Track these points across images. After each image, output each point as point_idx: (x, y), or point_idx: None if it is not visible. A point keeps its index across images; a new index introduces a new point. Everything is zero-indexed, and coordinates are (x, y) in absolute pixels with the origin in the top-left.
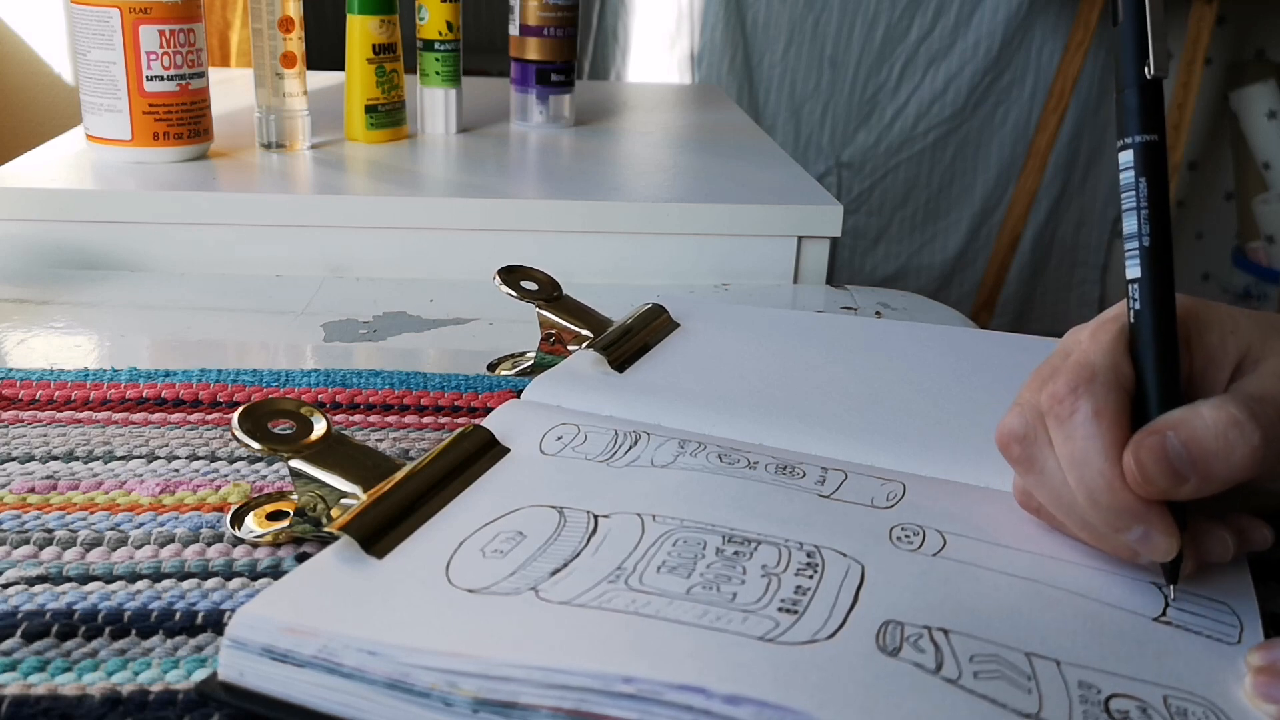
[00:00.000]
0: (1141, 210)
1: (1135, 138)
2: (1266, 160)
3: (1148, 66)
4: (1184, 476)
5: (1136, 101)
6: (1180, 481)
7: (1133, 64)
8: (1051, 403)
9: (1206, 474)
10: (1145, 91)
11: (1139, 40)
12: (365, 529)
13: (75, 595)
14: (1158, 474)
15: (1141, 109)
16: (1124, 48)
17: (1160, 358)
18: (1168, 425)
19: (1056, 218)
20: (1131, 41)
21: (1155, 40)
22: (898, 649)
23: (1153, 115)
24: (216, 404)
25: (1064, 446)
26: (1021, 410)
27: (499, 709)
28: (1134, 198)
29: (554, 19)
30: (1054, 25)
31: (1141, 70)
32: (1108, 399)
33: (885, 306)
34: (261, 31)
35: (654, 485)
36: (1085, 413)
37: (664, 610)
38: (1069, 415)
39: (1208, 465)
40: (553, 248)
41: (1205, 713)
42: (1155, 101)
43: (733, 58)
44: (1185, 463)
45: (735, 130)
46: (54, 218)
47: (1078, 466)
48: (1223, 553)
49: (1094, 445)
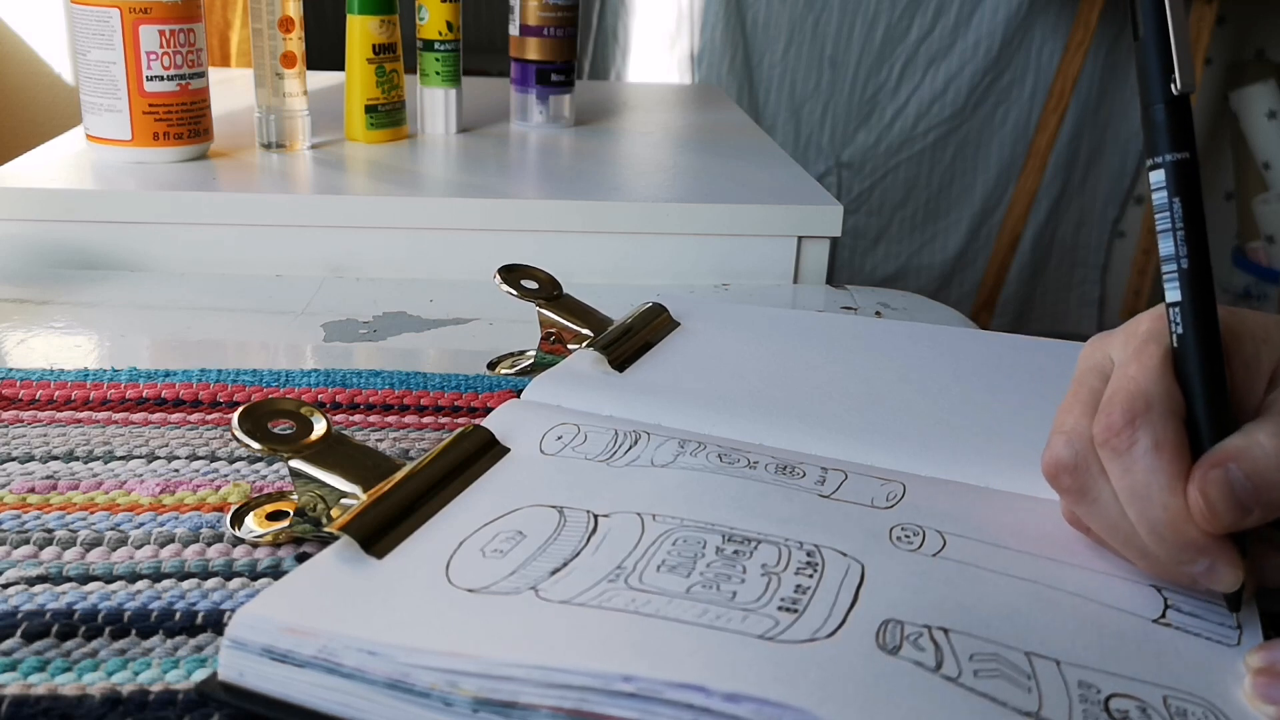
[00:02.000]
0: (1178, 232)
1: (1166, 156)
2: (1266, 160)
3: (1174, 82)
4: (1249, 509)
5: (1164, 118)
6: (1246, 514)
7: (1158, 79)
8: (1107, 434)
9: (1270, 504)
10: (1173, 107)
11: (1163, 53)
12: (365, 529)
13: (75, 595)
14: (1224, 509)
15: (1170, 126)
16: (1148, 62)
17: (1209, 382)
18: (1228, 457)
19: (1056, 218)
20: (1155, 55)
21: (1180, 52)
22: (898, 647)
23: (1183, 132)
24: (216, 404)
25: (1123, 479)
26: (1070, 440)
27: (499, 709)
28: (1168, 219)
29: (554, 19)
30: (1054, 25)
31: (1168, 85)
32: (1167, 430)
33: (885, 306)
34: (261, 31)
35: (654, 485)
36: (1145, 445)
37: (664, 609)
38: (1128, 448)
39: (1271, 495)
40: (553, 248)
41: (1205, 713)
42: (1184, 117)
43: (733, 58)
44: (1249, 494)
45: (735, 130)
46: (54, 218)
47: (1139, 500)
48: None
49: (1156, 480)
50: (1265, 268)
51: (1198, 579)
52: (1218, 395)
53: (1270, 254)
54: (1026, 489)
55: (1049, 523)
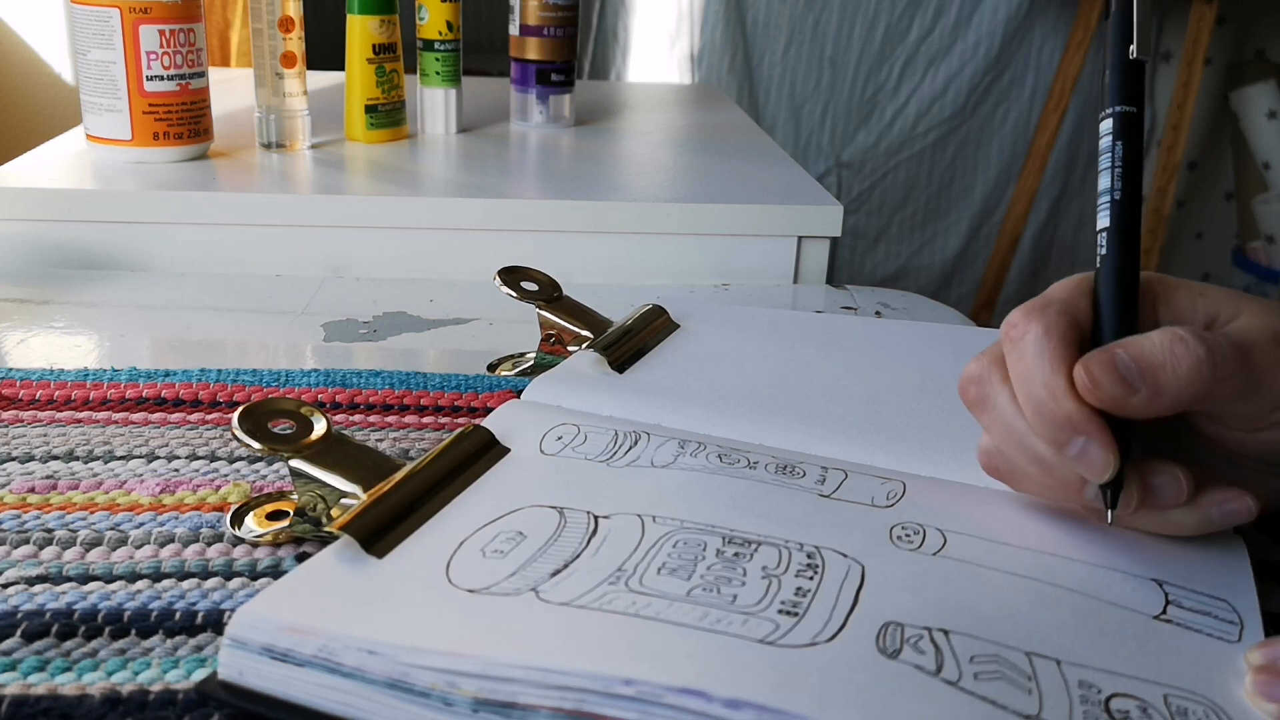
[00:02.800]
0: (1116, 169)
1: (1116, 108)
2: (1266, 160)
3: (1132, 48)
4: (1133, 387)
5: (1120, 78)
6: (1130, 391)
7: (1118, 47)
8: (1006, 329)
9: (1156, 385)
10: (1129, 71)
11: (1125, 26)
12: (365, 529)
13: (75, 595)
14: (1107, 382)
15: (1123, 84)
16: (1111, 34)
17: (1120, 296)
18: (1116, 344)
19: (1056, 218)
20: (1118, 27)
21: (1140, 28)
22: (898, 651)
23: (1133, 90)
24: (216, 404)
25: (1016, 366)
26: (980, 356)
27: (499, 709)
28: (1110, 159)
29: (554, 19)
30: (1054, 25)
31: (1125, 52)
32: (1059, 322)
33: (885, 306)
34: (261, 31)
35: (654, 485)
36: (1036, 333)
37: (664, 612)
38: (1021, 337)
39: (1155, 376)
40: (552, 248)
41: (1206, 711)
42: (1136, 79)
43: (733, 58)
44: (1133, 373)
45: (735, 130)
46: (54, 218)
47: (1025, 383)
48: (1176, 494)
49: (1040, 361)
50: (1265, 268)
51: (1074, 464)
52: (1128, 309)
53: (1270, 254)
54: None
55: (1049, 519)
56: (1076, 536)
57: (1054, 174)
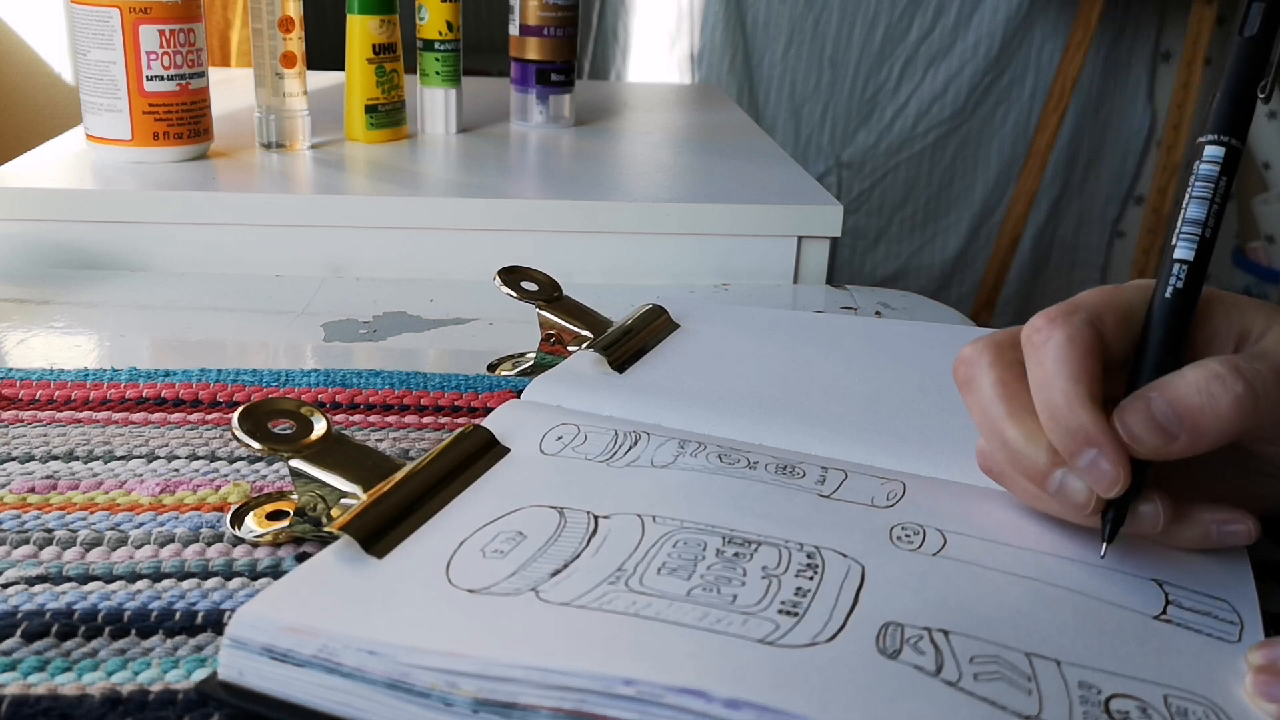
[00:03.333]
0: (1214, 205)
1: (1230, 140)
2: (1266, 160)
3: (1265, 84)
4: (1173, 434)
5: (1235, 110)
6: (1170, 439)
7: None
8: (1029, 333)
9: (1195, 430)
10: (1246, 103)
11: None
12: (365, 529)
13: (75, 595)
14: (1145, 433)
15: (1238, 116)
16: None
17: (1178, 336)
18: (1151, 389)
19: (1056, 218)
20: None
21: (1274, 67)
22: (898, 651)
23: (1245, 125)
24: (216, 404)
25: (1035, 371)
26: (977, 339)
27: (499, 709)
28: (1210, 190)
29: (554, 19)
30: (1054, 25)
31: (1254, 87)
32: (1083, 330)
33: (885, 306)
34: (261, 31)
35: (654, 486)
36: (1059, 339)
37: (664, 612)
38: (1044, 342)
39: (1194, 421)
40: (552, 248)
41: (1206, 712)
42: (1249, 115)
43: (733, 58)
44: (1171, 420)
45: (735, 130)
46: (54, 218)
47: (1044, 389)
48: (1152, 524)
49: (1060, 367)
50: (1265, 268)
51: (1083, 475)
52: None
53: (1270, 254)
54: None
55: (1049, 520)
56: (1076, 537)
57: (1054, 174)
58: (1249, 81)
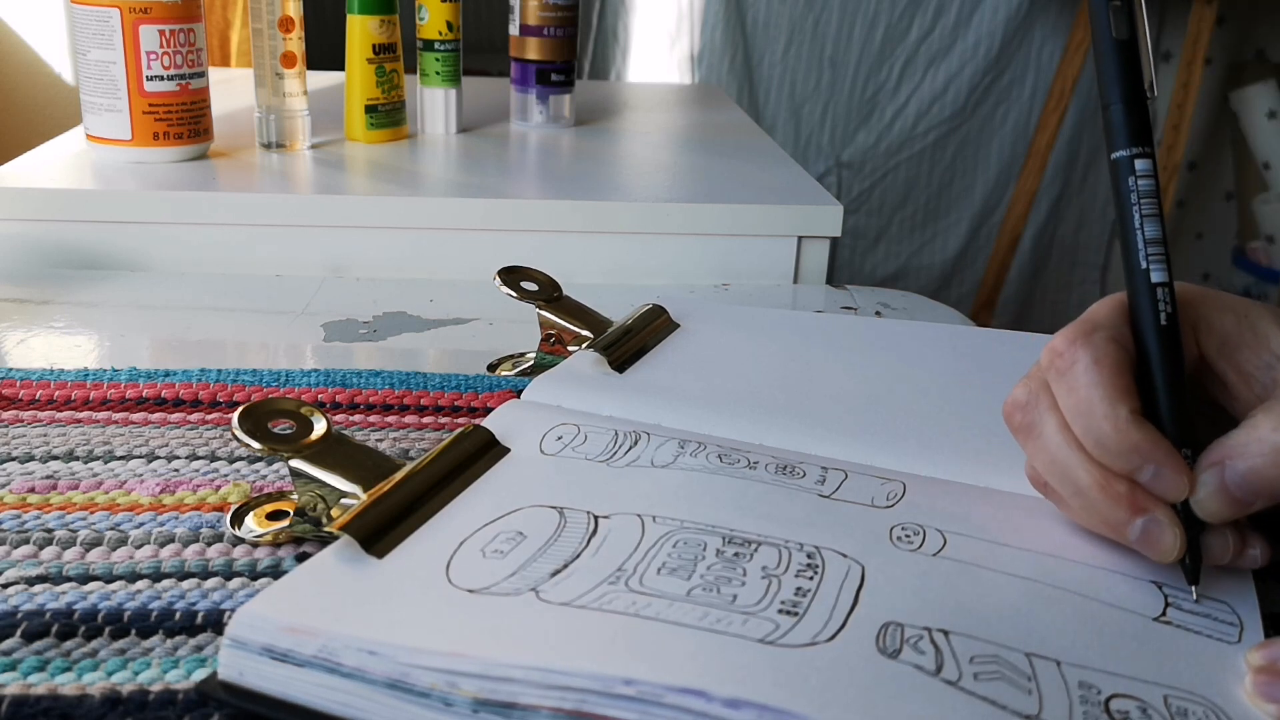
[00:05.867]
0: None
1: (1148, 148)
2: (1266, 160)
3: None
4: (1249, 505)
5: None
6: (1247, 508)
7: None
8: (1052, 358)
9: (1271, 495)
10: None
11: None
12: (365, 529)
13: (75, 595)
14: (1221, 507)
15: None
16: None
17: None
18: (1226, 454)
19: (1056, 218)
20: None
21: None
22: (898, 651)
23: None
24: (216, 404)
25: (1068, 399)
26: (1027, 381)
27: (499, 709)
28: (1157, 204)
29: (554, 19)
30: (1054, 25)
31: (1144, 88)
32: (1107, 349)
33: (885, 306)
34: (261, 31)
35: (654, 485)
36: (1085, 362)
37: (664, 612)
38: (1069, 367)
39: (1270, 490)
40: (552, 248)
41: (1205, 712)
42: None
43: (733, 58)
44: (1249, 492)
45: (735, 130)
46: (54, 218)
47: (1082, 417)
48: (1222, 552)
49: (1096, 393)
50: (1265, 268)
51: (1150, 487)
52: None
53: (1270, 254)
54: (1027, 488)
55: (1049, 521)
56: (1077, 538)
57: (1054, 174)
58: (1137, 83)
